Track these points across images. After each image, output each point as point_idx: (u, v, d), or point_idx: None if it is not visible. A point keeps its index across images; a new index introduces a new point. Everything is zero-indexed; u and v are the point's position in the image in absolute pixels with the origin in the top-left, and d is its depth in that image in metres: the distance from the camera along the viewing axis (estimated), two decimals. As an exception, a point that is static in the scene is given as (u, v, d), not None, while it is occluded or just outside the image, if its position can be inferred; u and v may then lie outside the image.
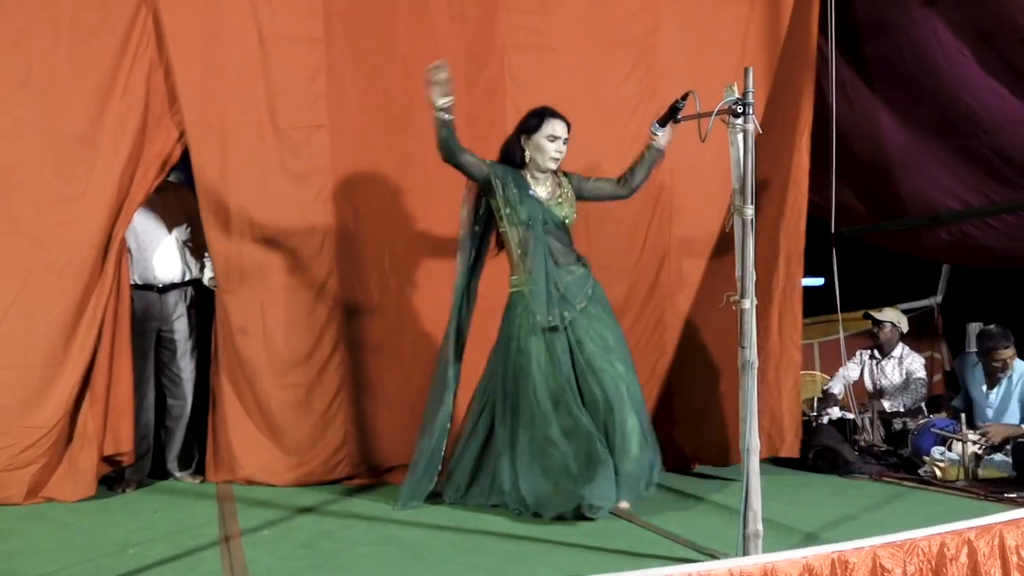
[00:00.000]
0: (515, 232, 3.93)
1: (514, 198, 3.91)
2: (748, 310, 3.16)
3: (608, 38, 4.93)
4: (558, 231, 3.96)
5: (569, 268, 3.95)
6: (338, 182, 4.66)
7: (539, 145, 3.97)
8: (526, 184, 3.97)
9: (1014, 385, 5.13)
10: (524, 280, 3.93)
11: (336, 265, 4.67)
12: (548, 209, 3.94)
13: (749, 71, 3.18)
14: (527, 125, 4.00)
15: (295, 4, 4.59)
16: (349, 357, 4.70)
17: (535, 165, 4.00)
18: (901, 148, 5.98)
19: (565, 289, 3.89)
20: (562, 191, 4.00)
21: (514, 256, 3.95)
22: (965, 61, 5.27)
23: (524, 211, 3.90)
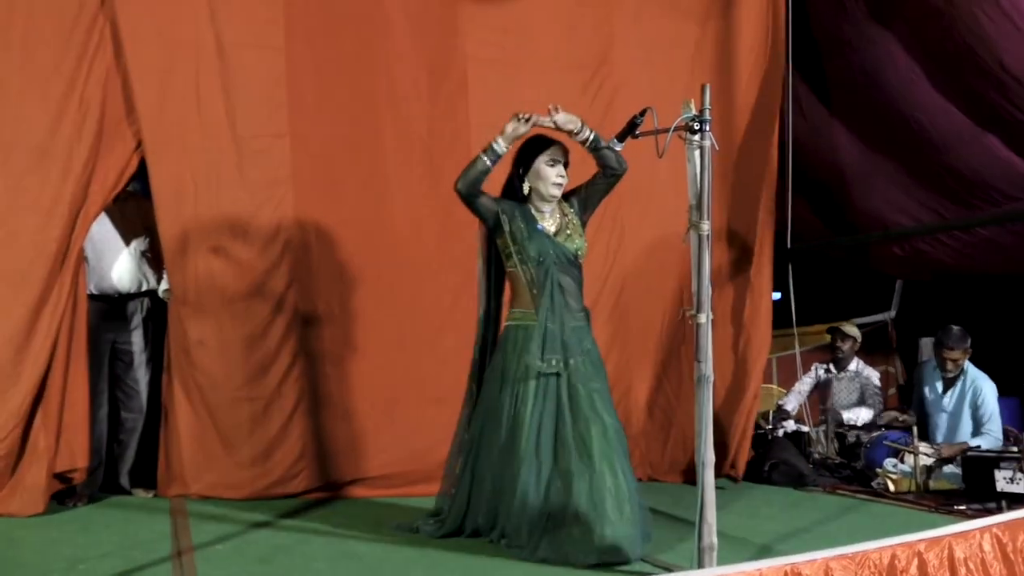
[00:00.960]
0: (526, 270, 3.68)
1: (521, 234, 3.67)
2: (704, 324, 3.19)
3: (566, 55, 4.99)
4: (570, 268, 3.71)
5: (575, 314, 3.69)
6: (299, 193, 4.64)
7: (539, 172, 3.72)
8: (533, 218, 3.72)
9: (967, 388, 5.23)
10: (524, 316, 3.68)
11: (296, 277, 4.64)
12: (558, 244, 3.69)
13: (706, 88, 3.22)
14: (524, 155, 3.75)
15: (255, 13, 4.58)
16: (307, 370, 4.67)
17: (538, 196, 3.74)
18: (855, 165, 6.09)
19: (570, 334, 3.64)
20: (568, 220, 3.76)
21: (525, 293, 3.69)
22: (917, 80, 5.39)
23: (533, 247, 3.65)
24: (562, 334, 3.63)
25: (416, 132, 4.80)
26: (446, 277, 4.84)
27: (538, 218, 3.73)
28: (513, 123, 3.64)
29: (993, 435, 5.06)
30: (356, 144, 4.73)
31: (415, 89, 4.80)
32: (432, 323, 4.80)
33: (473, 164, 3.65)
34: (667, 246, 5.02)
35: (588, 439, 3.52)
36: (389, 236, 4.77)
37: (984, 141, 5.36)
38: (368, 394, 4.70)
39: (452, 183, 4.81)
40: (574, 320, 3.67)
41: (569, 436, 3.54)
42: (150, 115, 4.38)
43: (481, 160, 3.63)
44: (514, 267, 3.71)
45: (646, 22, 5.16)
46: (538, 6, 4.98)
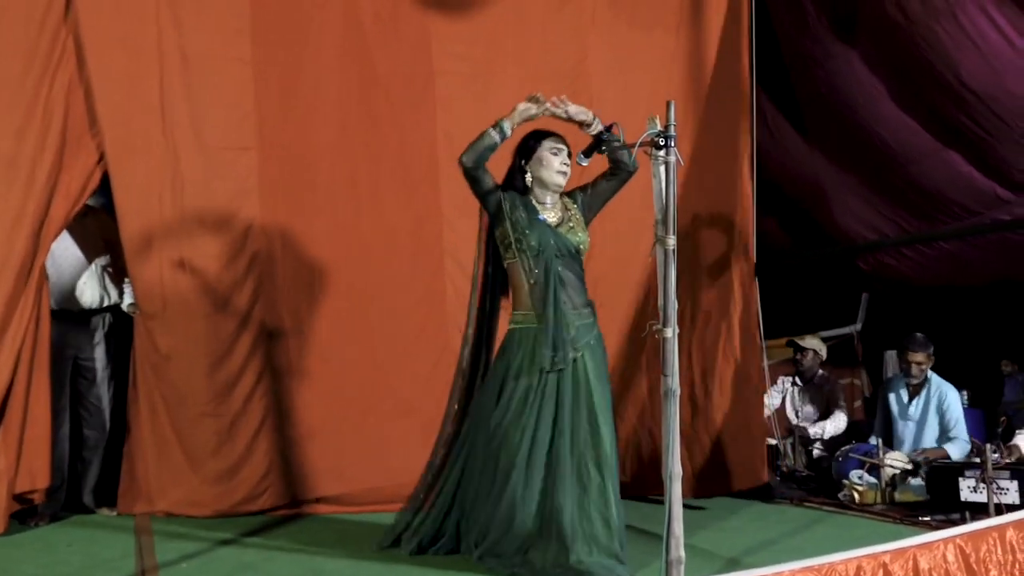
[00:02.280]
0: (524, 261, 3.57)
1: (523, 223, 3.56)
2: (670, 339, 3.21)
3: (537, 67, 5.01)
4: (571, 261, 3.62)
5: (580, 311, 3.59)
6: (266, 205, 4.63)
7: (543, 160, 3.64)
8: (534, 209, 3.63)
9: (932, 395, 5.30)
10: (526, 317, 3.58)
11: (262, 291, 4.63)
12: (560, 236, 3.60)
13: (671, 105, 3.25)
14: (526, 146, 3.69)
15: (222, 24, 4.57)
16: (274, 386, 4.65)
17: (540, 186, 3.66)
18: (820, 179, 6.17)
19: (576, 332, 3.56)
20: (571, 215, 3.68)
21: (523, 288, 3.59)
22: (880, 96, 5.47)
23: (534, 237, 3.54)
24: (564, 329, 3.52)
25: (386, 144, 4.81)
26: (416, 290, 4.84)
27: (540, 209, 3.64)
28: (525, 104, 3.57)
29: (961, 439, 5.14)
30: (324, 156, 4.73)
31: (386, 101, 4.81)
32: (402, 337, 4.80)
33: (481, 138, 3.53)
34: (634, 260, 5.06)
35: (582, 456, 3.45)
36: (358, 249, 4.76)
37: (945, 156, 5.45)
38: (336, 410, 4.69)
39: (425, 194, 4.86)
40: (578, 316, 3.57)
41: (563, 450, 3.44)
42: (114, 126, 4.36)
43: (489, 135, 3.52)
44: (513, 258, 3.60)
45: (619, 33, 5.20)
46: (509, 18, 5.00)
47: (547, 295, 3.53)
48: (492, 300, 3.78)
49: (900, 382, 5.49)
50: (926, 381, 5.34)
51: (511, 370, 3.55)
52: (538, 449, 3.47)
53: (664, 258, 3.26)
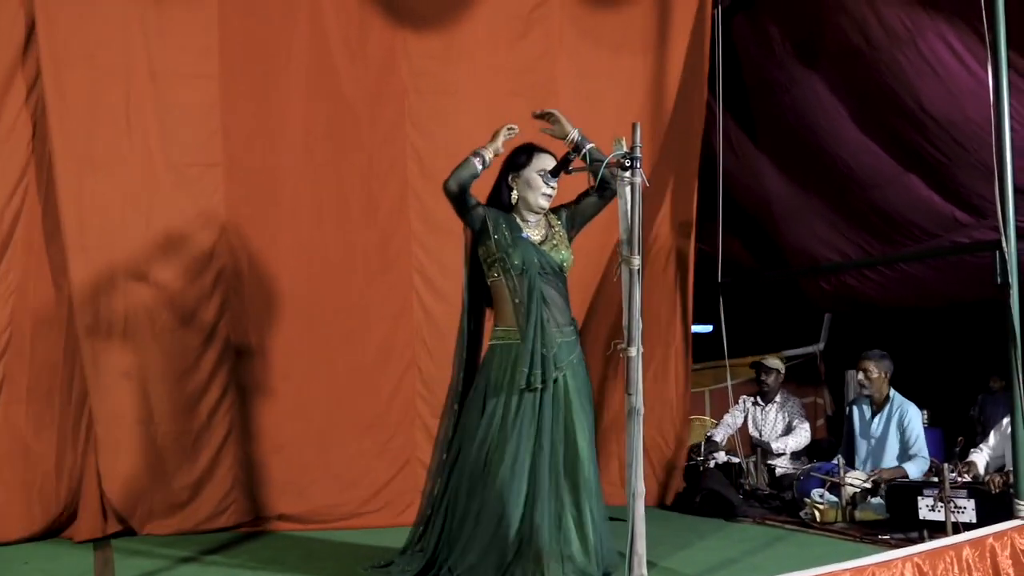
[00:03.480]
0: (508, 279, 3.54)
1: (506, 241, 3.53)
2: (635, 358, 3.25)
3: (507, 86, 5.06)
4: (555, 279, 3.59)
5: (562, 329, 3.56)
6: (231, 221, 4.63)
7: (530, 181, 3.60)
8: (518, 227, 3.60)
9: (893, 412, 5.37)
10: (508, 334, 3.54)
11: (228, 307, 4.62)
12: (543, 253, 3.57)
13: (636, 126, 3.28)
14: (515, 162, 3.64)
15: (189, 41, 4.57)
16: (238, 402, 4.63)
17: (525, 205, 3.62)
18: (784, 201, 6.27)
19: (558, 350, 3.52)
20: (554, 231, 3.65)
21: (506, 306, 3.55)
22: (843, 120, 5.58)
23: (517, 255, 3.52)
24: (546, 348, 3.48)
25: (354, 161, 4.83)
26: (382, 307, 4.86)
27: (523, 227, 3.62)
28: (505, 131, 3.60)
29: (920, 457, 5.20)
30: (291, 173, 4.74)
31: (352, 118, 4.82)
32: (367, 353, 4.81)
33: (464, 165, 3.51)
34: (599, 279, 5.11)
35: (560, 477, 3.43)
36: (325, 266, 4.77)
37: (906, 180, 5.57)
38: (301, 426, 4.68)
39: (391, 212, 4.87)
40: (561, 335, 3.54)
41: (543, 470, 3.41)
42: (78, 141, 4.34)
43: (472, 164, 3.50)
44: (497, 276, 3.57)
45: (586, 55, 5.26)
46: (479, 36, 5.04)
47: (530, 313, 3.49)
48: (476, 320, 3.74)
49: (863, 400, 5.57)
50: (888, 399, 5.42)
51: (490, 387, 3.52)
52: (519, 469, 3.44)
53: (629, 278, 3.30)
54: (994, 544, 3.71)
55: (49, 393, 4.45)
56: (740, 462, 5.65)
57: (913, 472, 5.07)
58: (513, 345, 3.51)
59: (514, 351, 3.50)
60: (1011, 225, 4.15)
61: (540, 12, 5.16)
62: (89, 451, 4.43)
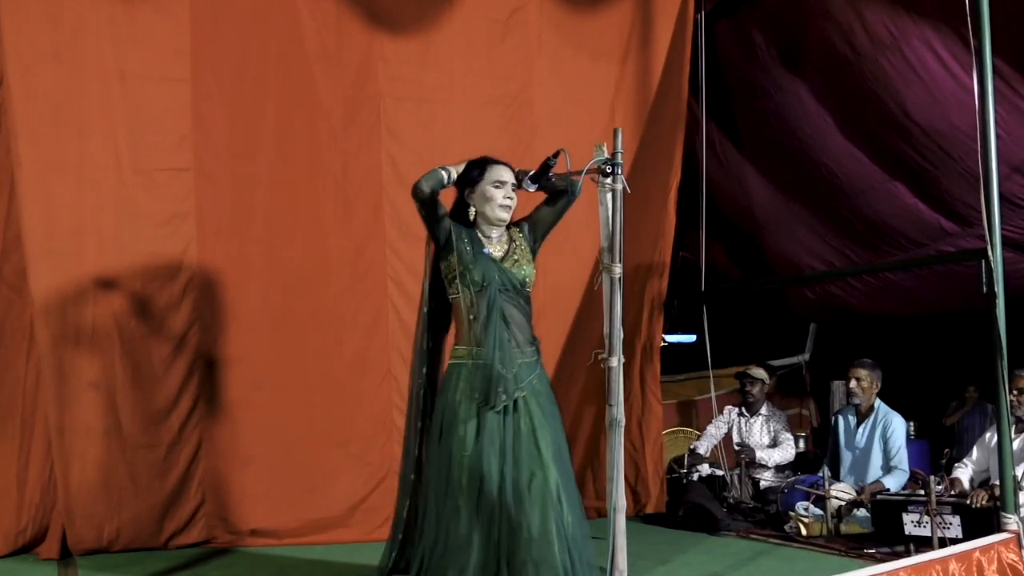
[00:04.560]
0: (467, 294, 3.48)
1: (467, 256, 3.48)
2: (615, 368, 3.23)
3: (484, 93, 5.04)
4: (516, 296, 3.52)
5: (523, 349, 3.50)
6: (203, 229, 4.57)
7: (485, 194, 3.53)
8: (480, 242, 3.55)
9: (878, 422, 5.37)
10: (467, 353, 3.48)
11: (198, 316, 4.56)
12: (505, 270, 3.51)
13: (618, 132, 3.28)
14: (469, 177, 3.57)
15: (161, 43, 4.52)
16: (209, 414, 4.57)
17: (484, 220, 3.57)
18: (768, 209, 6.27)
19: (518, 370, 3.46)
20: (516, 246, 3.60)
21: (464, 323, 3.50)
22: (827, 127, 5.59)
23: (478, 271, 3.46)
24: (506, 368, 3.42)
25: (328, 168, 4.79)
26: (356, 318, 4.82)
27: (485, 243, 3.56)
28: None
29: (900, 469, 5.20)
30: (264, 179, 4.69)
31: (328, 125, 4.79)
32: (341, 364, 4.77)
33: (433, 173, 3.46)
34: (581, 287, 5.08)
35: (523, 500, 3.34)
36: (298, 274, 4.72)
37: (891, 188, 5.58)
38: (274, 438, 4.62)
39: (366, 220, 4.84)
40: (521, 355, 3.48)
41: (509, 490, 3.34)
42: (44, 143, 4.28)
43: (439, 173, 3.45)
44: (456, 293, 3.51)
45: (565, 61, 5.25)
46: (457, 41, 5.02)
47: (489, 331, 3.42)
48: (435, 337, 3.69)
49: (849, 409, 5.57)
50: (873, 409, 5.41)
51: (448, 408, 3.45)
52: (484, 494, 3.37)
53: (610, 286, 3.28)
54: (981, 558, 3.70)
55: (10, 403, 4.37)
56: (724, 475, 5.63)
57: (892, 485, 5.06)
58: (472, 365, 3.44)
59: (475, 371, 3.43)
60: (997, 233, 4.15)
61: (518, 17, 5.14)
62: (54, 464, 4.34)
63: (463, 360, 3.48)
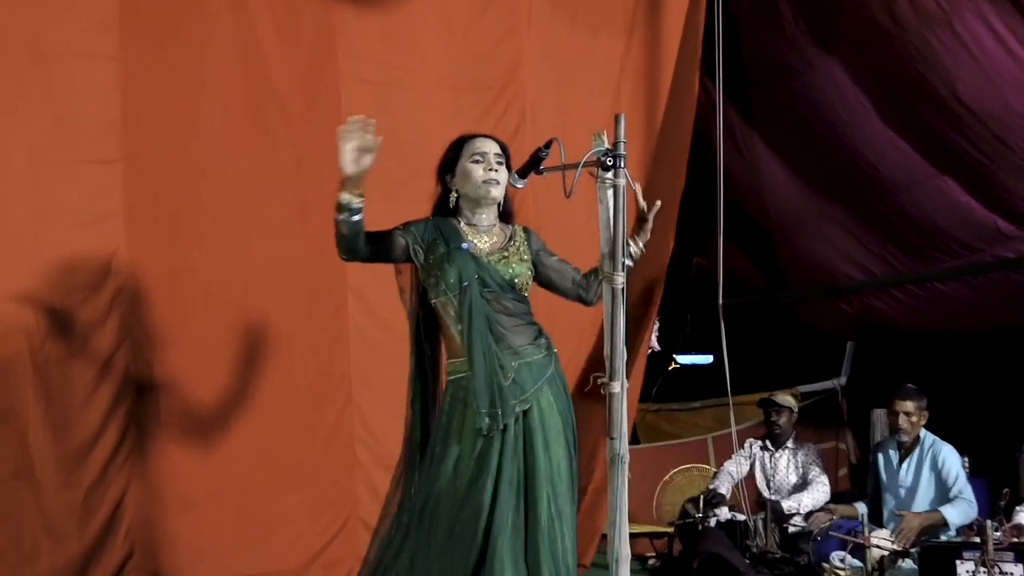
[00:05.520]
0: (448, 302, 3.47)
1: (439, 258, 3.47)
2: (617, 394, 3.24)
3: (463, 75, 5.08)
4: (503, 295, 3.50)
5: (520, 349, 3.48)
6: (134, 231, 4.58)
7: (465, 172, 3.53)
8: (458, 235, 3.53)
9: (925, 453, 5.38)
10: (459, 366, 3.48)
11: (128, 334, 4.57)
12: (487, 266, 3.49)
13: (620, 118, 3.28)
14: (445, 160, 3.61)
15: (83, 13, 4.51)
16: (140, 449, 4.57)
17: (470, 204, 3.56)
18: (796, 207, 6.32)
19: (515, 375, 3.44)
20: (513, 244, 3.60)
21: (451, 332, 3.50)
22: (864, 112, 5.64)
23: (453, 271, 3.44)
24: (501, 378, 3.40)
25: (281, 162, 4.82)
26: (315, 335, 4.84)
27: (467, 233, 3.54)
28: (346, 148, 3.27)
29: (964, 499, 5.17)
30: (206, 173, 4.71)
31: (281, 111, 4.82)
32: (296, 389, 4.79)
33: (337, 232, 3.34)
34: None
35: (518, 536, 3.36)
36: (245, 285, 4.75)
37: (940, 184, 5.63)
38: (217, 478, 4.64)
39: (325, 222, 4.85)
40: (517, 357, 3.46)
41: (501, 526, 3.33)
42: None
43: (341, 224, 3.30)
44: (435, 299, 3.51)
45: (560, 35, 5.29)
46: (429, 15, 5.06)
47: (472, 341, 3.42)
48: (428, 350, 3.64)
49: (890, 443, 5.58)
50: (918, 440, 5.43)
51: (444, 430, 3.47)
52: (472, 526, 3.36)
53: (611, 299, 3.30)
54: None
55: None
56: (746, 520, 5.65)
57: (954, 518, 5.06)
58: (464, 378, 3.45)
59: (465, 385, 3.44)
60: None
61: (503, -16, 5.22)
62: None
63: (456, 374, 3.51)
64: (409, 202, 4.28)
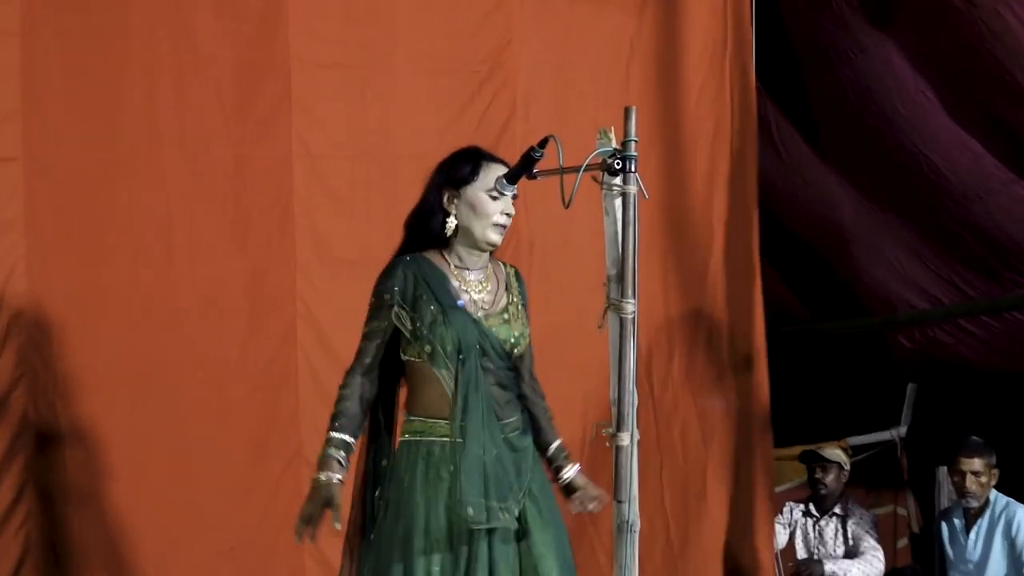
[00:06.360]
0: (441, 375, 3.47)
1: (432, 320, 3.46)
2: (626, 447, 3.23)
3: (440, 56, 5.10)
4: (499, 364, 3.54)
5: (512, 438, 3.54)
6: (35, 245, 4.57)
7: (476, 204, 3.51)
8: (449, 285, 3.52)
9: (996, 519, 5.38)
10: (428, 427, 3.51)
11: (26, 370, 4.55)
12: (488, 332, 3.51)
13: (631, 112, 3.27)
14: (455, 174, 3.55)
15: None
16: (40, 510, 4.54)
17: (466, 243, 3.55)
18: (846, 220, 6.33)
19: (511, 466, 3.50)
20: (508, 298, 3.63)
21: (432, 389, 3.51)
22: (929, 106, 5.66)
23: (450, 337, 3.44)
24: (499, 468, 3.45)
25: (216, 163, 4.83)
26: (257, 375, 4.85)
27: (457, 280, 3.54)
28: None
29: None
30: (125, 175, 4.71)
31: (216, 101, 4.83)
32: (232, 441, 4.79)
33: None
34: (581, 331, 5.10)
35: None
36: (172, 311, 4.74)
37: (1019, 191, 5.65)
38: (134, 548, 4.62)
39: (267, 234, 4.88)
40: (511, 448, 3.52)
41: None
42: None
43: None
44: (417, 356, 3.52)
45: (558, 9, 5.33)
46: (399, -15, 5.11)
47: (472, 421, 3.44)
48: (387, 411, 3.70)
49: (955, 509, 5.59)
50: (988, 504, 5.44)
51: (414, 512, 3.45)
52: None
53: (620, 331, 3.29)
54: None
55: None
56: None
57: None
58: (442, 444, 3.46)
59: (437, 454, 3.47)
60: None
61: (490, -52, 5.25)
62: None
63: (422, 436, 3.51)
64: (378, 207, 4.32)
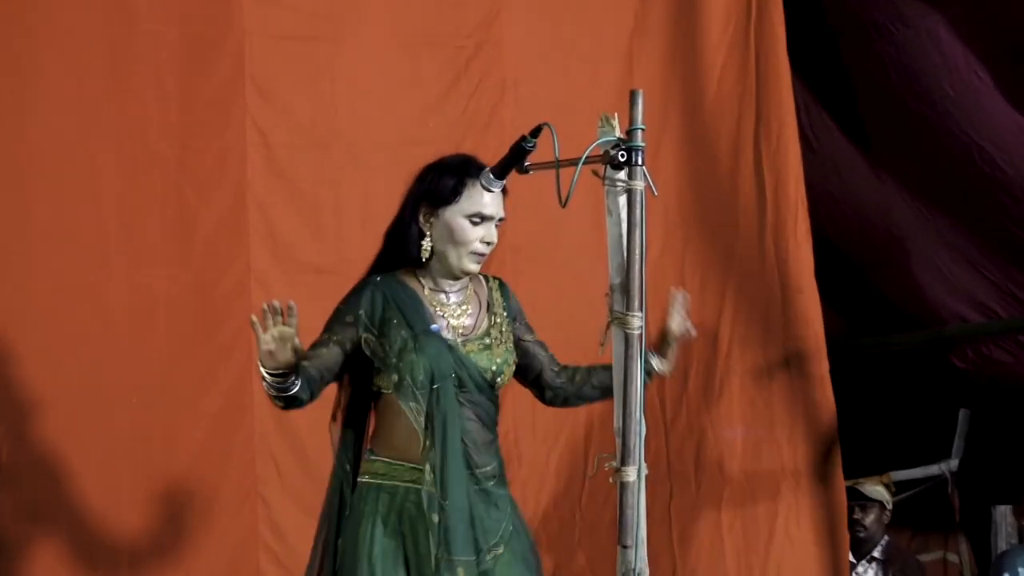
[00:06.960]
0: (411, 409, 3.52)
1: (402, 347, 3.52)
2: (632, 483, 3.22)
3: (416, 28, 5.13)
4: (479, 396, 3.60)
5: (488, 488, 3.60)
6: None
7: (454, 229, 3.56)
8: (421, 307, 3.59)
9: None
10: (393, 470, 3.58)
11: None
12: (465, 359, 3.57)
13: (638, 96, 3.26)
14: (436, 188, 3.58)
15: None
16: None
17: (441, 267, 3.63)
18: (886, 220, 6.33)
19: (488, 518, 3.57)
20: (491, 319, 3.70)
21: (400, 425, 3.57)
22: (980, 85, 5.67)
23: (421, 366, 3.50)
24: (473, 514, 3.51)
25: (156, 153, 4.84)
26: (206, 395, 4.87)
27: (432, 304, 3.60)
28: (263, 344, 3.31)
29: None
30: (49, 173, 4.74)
31: (157, 82, 4.85)
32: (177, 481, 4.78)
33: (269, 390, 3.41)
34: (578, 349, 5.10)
35: None
36: (106, 328, 4.77)
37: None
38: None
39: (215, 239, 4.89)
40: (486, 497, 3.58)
41: None
42: None
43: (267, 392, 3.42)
44: (386, 387, 3.58)
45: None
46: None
47: (446, 460, 3.48)
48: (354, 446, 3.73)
49: (1019, 556, 5.61)
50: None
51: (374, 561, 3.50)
52: None
53: (625, 349, 3.28)
54: None
55: None
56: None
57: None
58: (406, 489, 3.53)
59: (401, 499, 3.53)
60: None
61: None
62: None
63: (383, 479, 3.57)
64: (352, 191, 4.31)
